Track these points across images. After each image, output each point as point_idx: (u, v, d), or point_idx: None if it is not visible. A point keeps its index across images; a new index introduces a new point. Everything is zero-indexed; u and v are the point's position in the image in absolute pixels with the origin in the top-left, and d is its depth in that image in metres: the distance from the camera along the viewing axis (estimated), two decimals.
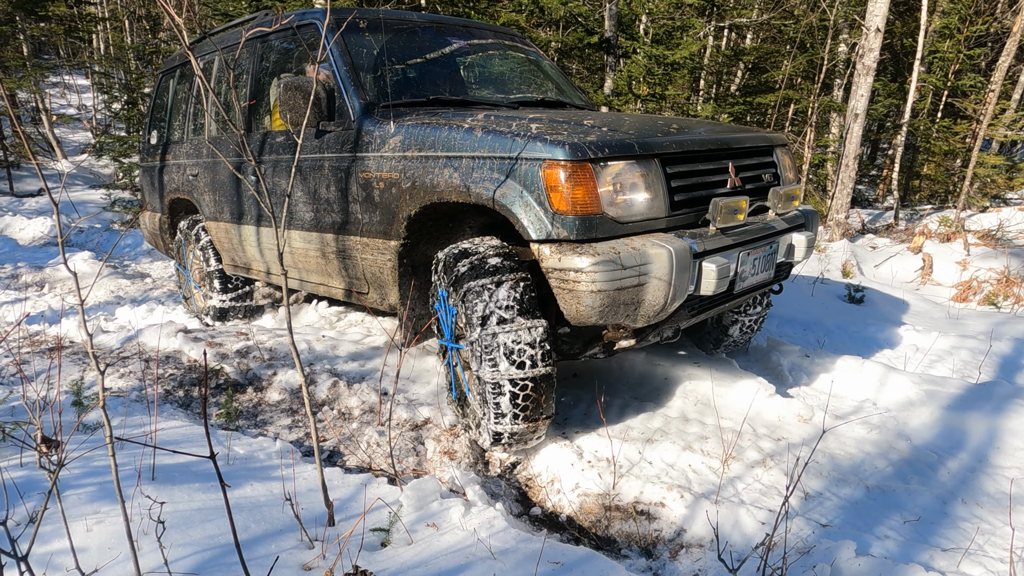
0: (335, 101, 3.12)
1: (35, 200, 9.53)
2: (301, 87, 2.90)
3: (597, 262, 2.18)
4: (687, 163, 2.53)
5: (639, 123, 2.79)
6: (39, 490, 2.03)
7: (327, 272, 3.42)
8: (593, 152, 2.26)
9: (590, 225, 2.26)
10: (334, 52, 3.19)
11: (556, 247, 2.27)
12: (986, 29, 10.72)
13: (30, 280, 5.68)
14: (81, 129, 13.35)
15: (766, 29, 11.89)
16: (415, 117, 2.88)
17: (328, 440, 2.81)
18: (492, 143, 2.44)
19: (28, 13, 10.95)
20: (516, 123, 2.56)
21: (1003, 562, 2.06)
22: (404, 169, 2.76)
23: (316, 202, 3.28)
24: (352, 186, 3.04)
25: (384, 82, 3.25)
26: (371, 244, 3.03)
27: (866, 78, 7.20)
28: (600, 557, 1.94)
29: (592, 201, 2.25)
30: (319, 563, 1.82)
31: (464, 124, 2.61)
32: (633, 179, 2.34)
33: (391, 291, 3.07)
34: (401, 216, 2.81)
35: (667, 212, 2.43)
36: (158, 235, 5.18)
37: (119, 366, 3.35)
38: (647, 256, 2.25)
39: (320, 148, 3.21)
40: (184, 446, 2.48)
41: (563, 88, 4.01)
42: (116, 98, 9.66)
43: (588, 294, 2.21)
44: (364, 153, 2.96)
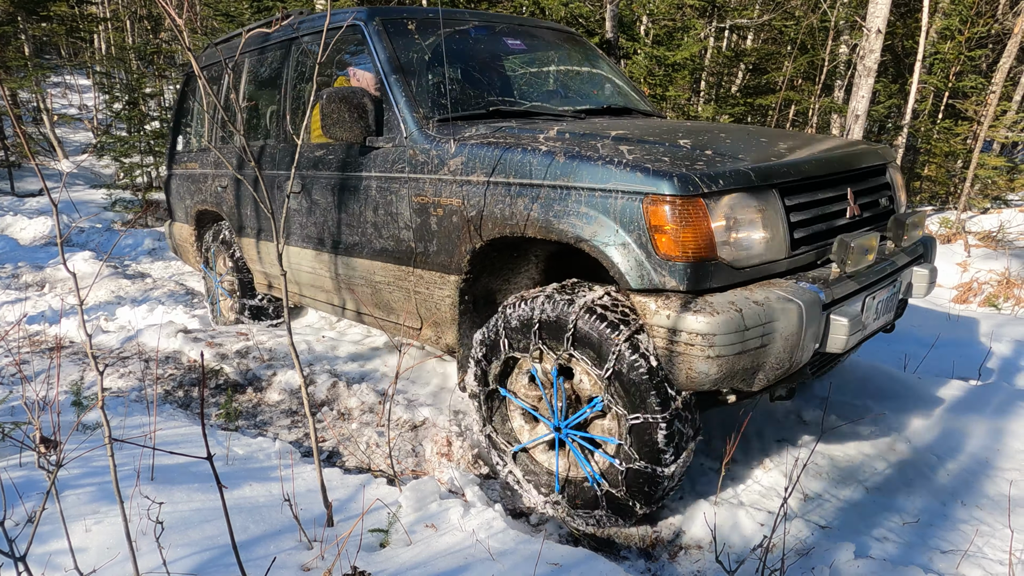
0: (383, 114, 2.78)
1: (36, 200, 9.55)
2: (347, 99, 2.64)
3: (717, 323, 1.83)
4: (807, 192, 2.17)
5: (738, 140, 2.44)
6: (38, 490, 2.03)
7: (374, 303, 3.05)
8: (706, 184, 1.90)
9: (703, 273, 1.91)
10: (381, 57, 2.84)
11: (663, 300, 1.93)
12: (987, 31, 10.72)
13: (30, 280, 5.69)
14: (82, 129, 13.37)
15: (767, 30, 11.89)
16: (479, 135, 2.53)
17: (327, 441, 2.81)
18: (578, 171, 2.07)
19: (30, 13, 10.96)
20: (602, 144, 2.21)
21: (1002, 564, 2.06)
22: (468, 196, 2.42)
23: (361, 225, 2.95)
24: (404, 211, 2.70)
25: (439, 92, 2.88)
26: (426, 277, 2.69)
27: (867, 79, 7.21)
28: (599, 558, 1.94)
29: (706, 244, 1.89)
30: (318, 564, 1.82)
31: (540, 145, 2.25)
32: (750, 215, 1.98)
33: (449, 330, 2.70)
34: (464, 249, 2.47)
35: (787, 252, 2.07)
36: (186, 247, 4.91)
37: (119, 366, 3.35)
38: (773, 312, 1.90)
39: (366, 166, 2.87)
40: (184, 446, 2.48)
41: (625, 90, 3.62)
42: (117, 98, 9.66)
43: (703, 360, 1.86)
44: (419, 174, 2.61)
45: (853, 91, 7.38)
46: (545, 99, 3.36)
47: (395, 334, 3.11)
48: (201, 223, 4.65)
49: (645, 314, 1.96)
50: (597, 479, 2.20)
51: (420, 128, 2.66)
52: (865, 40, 7.17)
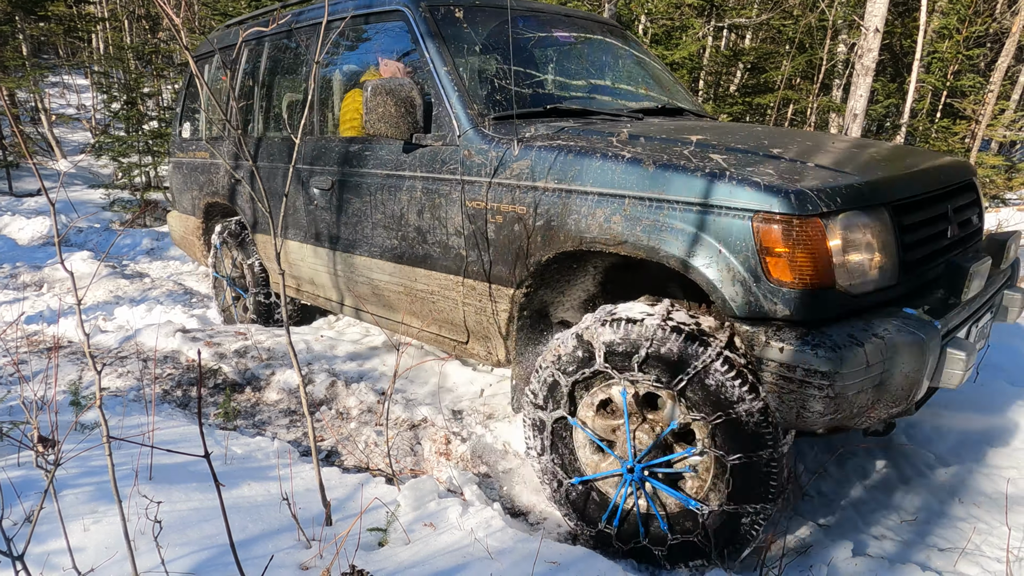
0: (431, 109, 2.60)
1: (34, 200, 9.54)
2: (394, 91, 2.46)
3: (838, 359, 1.64)
4: (915, 210, 1.99)
5: (830, 149, 2.26)
6: (36, 490, 2.03)
7: (413, 312, 2.87)
8: (824, 203, 1.71)
9: (820, 302, 1.72)
10: (429, 47, 2.65)
11: (774, 332, 1.73)
12: (985, 30, 10.73)
13: (28, 280, 5.68)
14: (80, 129, 13.36)
15: (765, 29, 11.90)
16: (543, 136, 2.36)
17: (326, 440, 2.81)
18: (673, 182, 1.88)
19: (28, 13, 10.95)
20: (690, 152, 2.03)
21: (999, 562, 2.06)
22: (535, 203, 2.22)
23: (401, 229, 2.77)
24: (454, 216, 2.51)
25: (492, 87, 2.71)
26: (479, 288, 2.50)
27: (865, 78, 7.21)
28: (598, 556, 1.94)
29: (824, 269, 1.70)
30: (316, 563, 1.82)
31: (621, 151, 2.06)
32: (865, 236, 1.79)
33: (501, 345, 2.53)
34: (528, 261, 2.27)
35: (899, 277, 1.87)
36: (191, 240, 4.66)
37: (117, 366, 3.35)
38: (894, 347, 1.71)
39: (410, 165, 2.68)
40: (182, 446, 2.48)
41: (674, 88, 3.43)
42: (115, 98, 9.66)
43: (820, 399, 1.67)
44: (474, 177, 2.42)
45: (851, 90, 7.38)
46: (597, 96, 3.11)
47: (436, 346, 2.91)
48: (210, 216, 4.44)
49: (754, 345, 1.77)
50: (662, 521, 2.03)
51: (475, 126, 2.47)
52: (863, 39, 7.17)
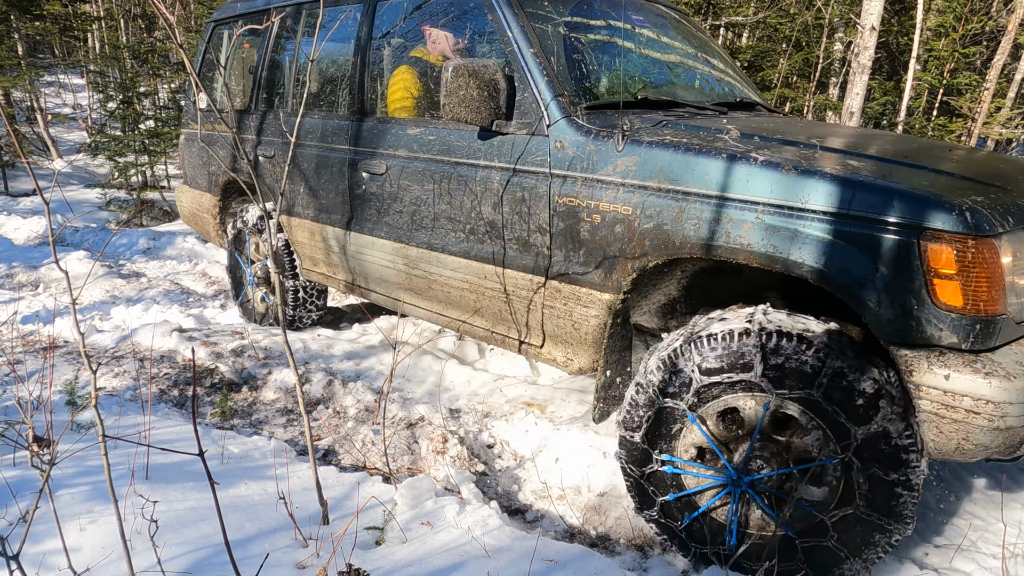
0: (514, 95, 2.42)
1: (30, 199, 9.50)
2: (477, 73, 2.28)
3: (1012, 390, 1.55)
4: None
5: (955, 158, 2.17)
6: (32, 490, 2.02)
7: (478, 311, 2.72)
8: (998, 221, 1.59)
9: (992, 329, 1.60)
10: (512, 26, 2.46)
11: (938, 358, 1.62)
12: (981, 27, 10.75)
13: (24, 280, 5.67)
14: (76, 128, 13.32)
15: (762, 28, 11.90)
16: (650, 131, 2.19)
17: (323, 439, 2.81)
18: (816, 190, 1.73)
19: (23, 12, 10.91)
20: (820, 156, 1.92)
21: (995, 558, 2.07)
22: (644, 205, 2.06)
23: (471, 222, 2.60)
24: (540, 211, 2.35)
25: (581, 73, 2.53)
26: (565, 291, 2.34)
27: (862, 76, 7.22)
28: (594, 554, 1.95)
29: (997, 295, 1.58)
30: (313, 562, 1.82)
31: (754, 153, 1.90)
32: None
33: (584, 353, 2.38)
34: (630, 266, 2.12)
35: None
36: (204, 218, 4.38)
37: (113, 366, 3.34)
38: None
39: (486, 153, 2.50)
40: (178, 445, 2.48)
41: (744, 81, 3.26)
42: (111, 97, 9.62)
43: (987, 431, 1.58)
44: (567, 171, 2.26)
45: (848, 88, 7.39)
46: (678, 88, 2.92)
47: (503, 348, 2.75)
48: (227, 194, 4.20)
49: (913, 371, 1.65)
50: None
51: (567, 116, 2.29)
52: (859, 37, 7.17)
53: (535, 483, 2.55)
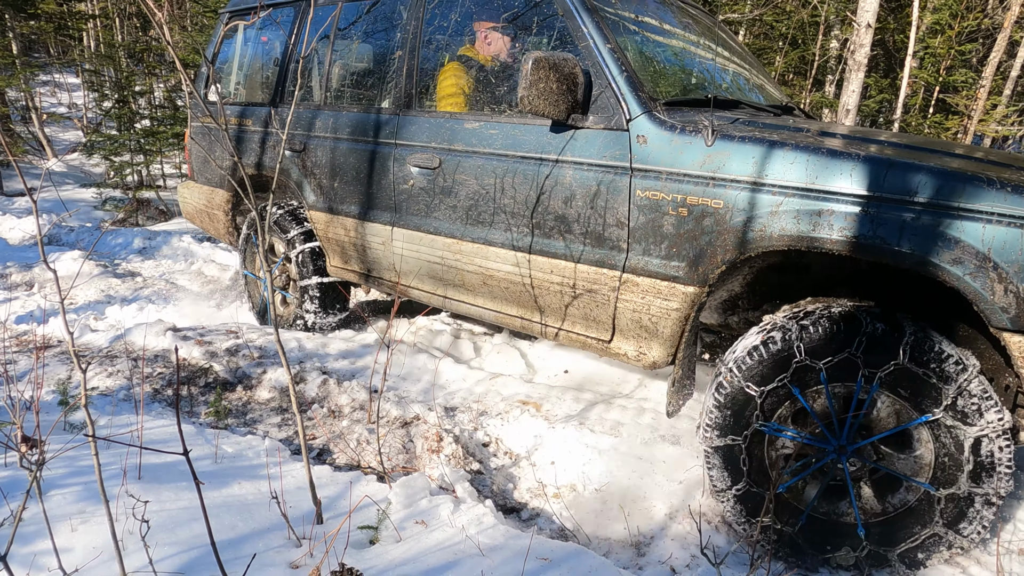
0: (590, 90, 2.46)
1: (25, 199, 9.47)
2: (557, 66, 2.30)
3: None
4: None
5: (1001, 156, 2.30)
6: (23, 490, 2.01)
7: (540, 306, 2.71)
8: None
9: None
10: (587, 22, 2.50)
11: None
12: (977, 25, 10.76)
13: (19, 280, 5.64)
14: (72, 128, 13.28)
15: (758, 25, 11.90)
16: (749, 128, 2.27)
17: (317, 438, 2.80)
18: (927, 184, 1.82)
19: (17, 11, 10.87)
20: (914, 153, 2.00)
21: (990, 554, 2.06)
22: (735, 199, 2.10)
23: (539, 217, 2.61)
24: (618, 205, 2.37)
25: (654, 70, 2.58)
26: (644, 285, 2.36)
27: (858, 74, 7.22)
28: (589, 553, 1.94)
29: None
30: (306, 561, 1.81)
31: (851, 149, 1.98)
32: None
33: (660, 347, 2.41)
34: (719, 259, 2.15)
35: None
36: (215, 214, 4.28)
37: (107, 365, 3.33)
38: None
39: (559, 148, 2.52)
40: (172, 444, 2.47)
41: (776, 85, 3.36)
42: (107, 96, 9.60)
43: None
44: (651, 165, 2.29)
45: (844, 85, 7.39)
46: (730, 89, 3.00)
47: (564, 342, 2.76)
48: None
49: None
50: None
51: (648, 111, 2.33)
52: (856, 34, 7.17)
53: (530, 481, 2.55)
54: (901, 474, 1.99)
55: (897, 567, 2.00)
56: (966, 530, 1.91)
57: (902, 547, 1.98)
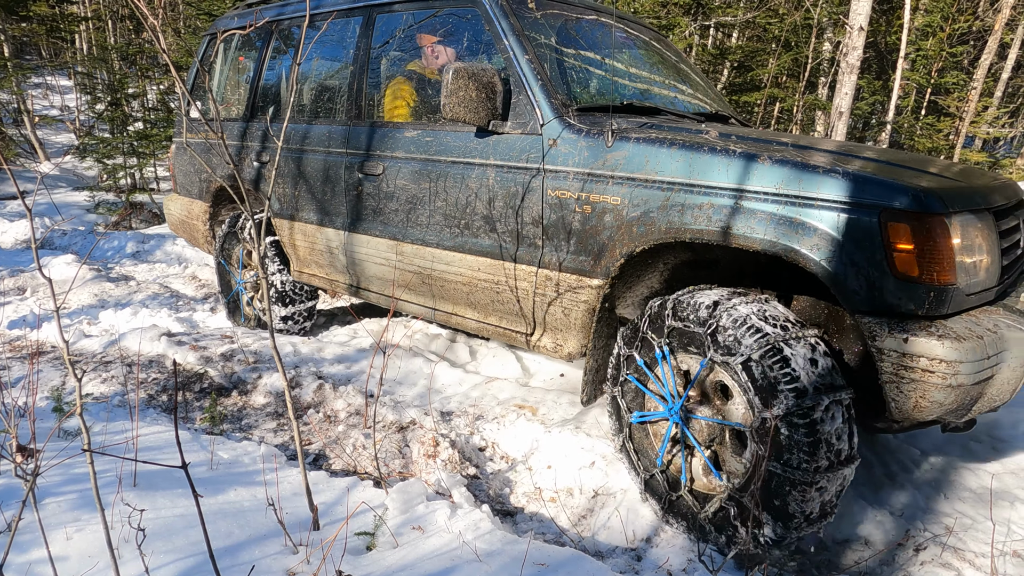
0: (509, 98, 2.61)
1: (17, 203, 9.42)
2: (476, 76, 2.45)
3: (963, 350, 1.72)
4: (1006, 218, 2.11)
5: (912, 159, 2.36)
6: (18, 499, 2.00)
7: (472, 303, 2.87)
8: (949, 202, 1.81)
9: (944, 297, 1.79)
10: (508, 35, 2.64)
11: (896, 323, 1.80)
12: (968, 27, 10.83)
13: (11, 285, 5.61)
14: (64, 131, 13.21)
15: (751, 28, 11.95)
16: (643, 130, 2.39)
17: (313, 443, 2.79)
18: (793, 178, 1.92)
19: (9, 13, 10.82)
20: (790, 152, 2.08)
21: (984, 556, 2.08)
22: (631, 195, 2.24)
23: (466, 217, 2.75)
24: (532, 204, 2.52)
25: (573, 79, 2.74)
26: (556, 279, 2.51)
27: (850, 76, 7.26)
28: (586, 558, 1.94)
29: (948, 266, 1.78)
30: (303, 568, 1.81)
31: (733, 147, 2.10)
32: (978, 238, 1.89)
33: (574, 338, 2.54)
34: (617, 252, 2.29)
35: (997, 280, 1.97)
36: (195, 224, 4.50)
37: (101, 371, 3.31)
38: (1007, 341, 1.82)
39: (482, 152, 2.67)
40: (167, 451, 2.46)
41: (716, 96, 3.53)
42: (99, 99, 9.55)
43: (941, 389, 1.74)
44: (560, 167, 2.43)
45: (837, 88, 7.43)
46: (658, 99, 3.12)
47: (494, 337, 2.88)
48: (219, 201, 4.32)
49: (875, 336, 1.81)
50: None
51: (559, 116, 2.48)
52: (848, 37, 7.21)
53: (527, 486, 2.55)
54: (715, 419, 2.10)
55: (769, 525, 1.91)
56: (793, 462, 1.83)
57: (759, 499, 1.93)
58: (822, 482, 1.83)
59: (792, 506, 1.85)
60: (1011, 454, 2.69)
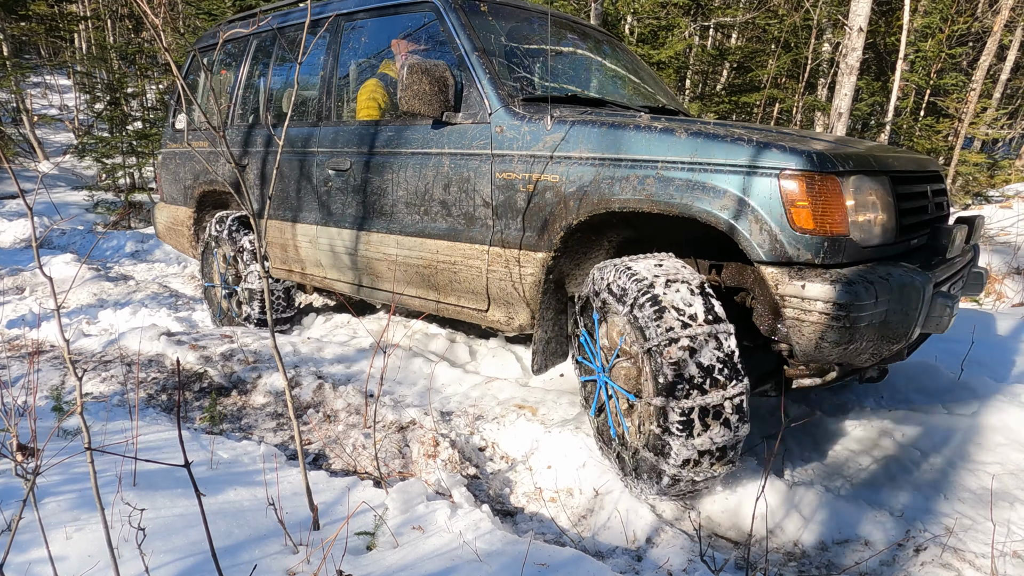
0: (461, 90, 2.82)
1: (16, 202, 9.41)
2: (429, 71, 2.64)
3: (853, 293, 1.91)
4: (907, 184, 2.31)
5: (828, 137, 2.58)
6: (17, 498, 2.00)
7: (432, 285, 3.05)
8: (840, 164, 2.01)
9: (838, 248, 1.99)
10: (460, 34, 2.87)
11: (795, 271, 2.00)
12: (967, 28, 10.85)
13: (10, 284, 5.60)
14: (63, 130, 13.19)
15: (751, 29, 11.96)
16: (577, 114, 2.60)
17: (313, 443, 2.79)
18: (705, 148, 2.14)
19: (8, 12, 10.81)
20: (714, 127, 2.30)
21: (984, 557, 2.08)
22: (568, 172, 2.46)
23: (424, 204, 2.97)
24: (484, 187, 2.73)
25: (519, 72, 2.96)
26: (505, 255, 2.71)
27: (850, 77, 7.26)
28: (587, 559, 1.94)
29: (840, 220, 1.99)
30: (303, 568, 1.81)
31: (654, 124, 2.32)
32: (873, 197, 2.09)
33: (523, 310, 2.74)
34: (558, 225, 2.50)
35: (895, 237, 2.18)
36: (180, 230, 4.73)
37: (100, 370, 3.31)
38: (898, 287, 2.01)
39: (438, 142, 2.89)
40: (167, 451, 2.46)
41: (670, 95, 3.74)
42: (99, 98, 9.54)
43: (837, 329, 1.93)
44: (506, 151, 2.66)
45: (836, 89, 7.43)
46: (608, 94, 3.34)
47: (453, 316, 3.06)
48: (202, 206, 4.50)
49: (777, 284, 2.02)
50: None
51: (506, 105, 2.70)
52: (847, 38, 7.21)
53: (527, 486, 2.55)
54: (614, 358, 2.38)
55: (673, 448, 2.11)
56: (678, 391, 2.04)
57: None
58: (709, 400, 2.03)
59: (689, 427, 2.04)
60: (1011, 454, 2.69)
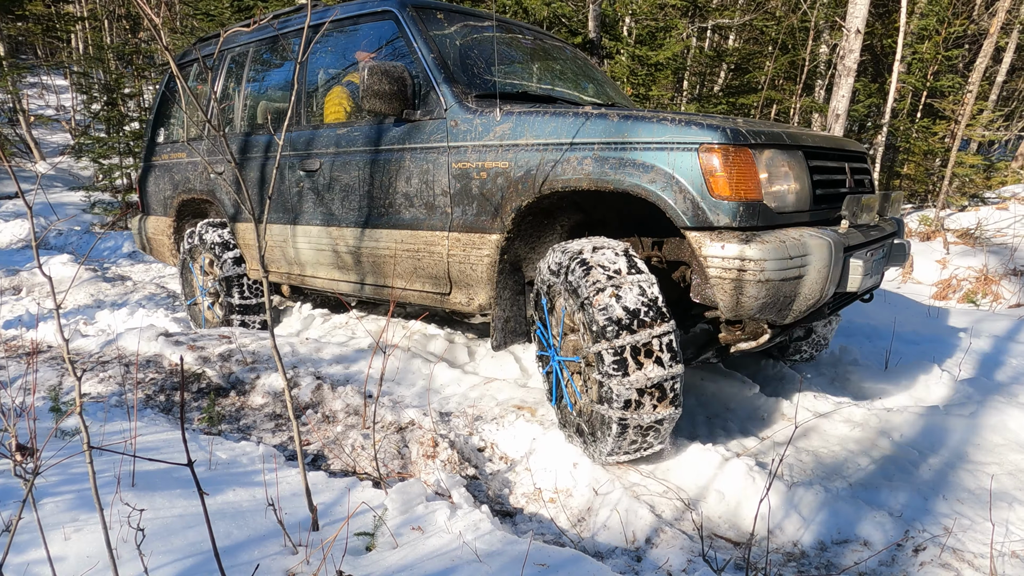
0: (420, 90, 3.03)
1: (12, 203, 9.38)
2: (388, 71, 2.83)
3: (766, 250, 2.12)
4: (822, 159, 2.55)
5: (753, 121, 2.79)
6: (15, 498, 1.99)
7: (398, 273, 3.26)
8: (753, 138, 2.23)
9: (752, 212, 2.20)
10: (417, 39, 3.08)
11: (716, 235, 2.20)
12: (963, 30, 10.88)
13: (6, 284, 5.58)
14: (60, 130, 13.16)
15: (748, 30, 11.98)
16: (524, 106, 2.80)
17: (312, 444, 2.78)
18: (633, 129, 2.37)
19: (5, 12, 10.78)
20: (652, 112, 2.50)
21: (983, 557, 2.08)
22: (516, 158, 2.67)
23: (389, 197, 3.17)
24: (442, 178, 2.93)
25: (473, 72, 3.15)
26: (463, 239, 2.91)
27: (847, 79, 7.28)
28: (586, 559, 1.94)
29: (754, 187, 2.20)
30: (303, 568, 1.80)
31: (592, 112, 2.54)
32: (786, 168, 2.32)
33: (482, 291, 2.94)
34: (509, 208, 2.71)
35: (809, 206, 2.40)
36: (160, 239, 4.90)
37: (98, 371, 3.30)
38: (809, 247, 2.20)
39: (399, 139, 3.10)
40: (165, 451, 2.45)
41: (622, 95, 3.94)
42: (95, 99, 9.52)
43: (754, 284, 2.14)
44: (461, 143, 2.85)
45: (833, 91, 7.45)
46: (558, 91, 3.56)
47: (418, 302, 3.24)
48: (182, 215, 4.67)
49: (700, 247, 2.22)
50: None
51: (460, 101, 2.90)
52: (845, 40, 7.23)
53: (526, 486, 2.55)
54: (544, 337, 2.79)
55: (619, 394, 2.32)
56: (607, 333, 2.28)
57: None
58: (638, 338, 2.26)
59: (623, 366, 2.26)
60: (1009, 455, 2.69)
